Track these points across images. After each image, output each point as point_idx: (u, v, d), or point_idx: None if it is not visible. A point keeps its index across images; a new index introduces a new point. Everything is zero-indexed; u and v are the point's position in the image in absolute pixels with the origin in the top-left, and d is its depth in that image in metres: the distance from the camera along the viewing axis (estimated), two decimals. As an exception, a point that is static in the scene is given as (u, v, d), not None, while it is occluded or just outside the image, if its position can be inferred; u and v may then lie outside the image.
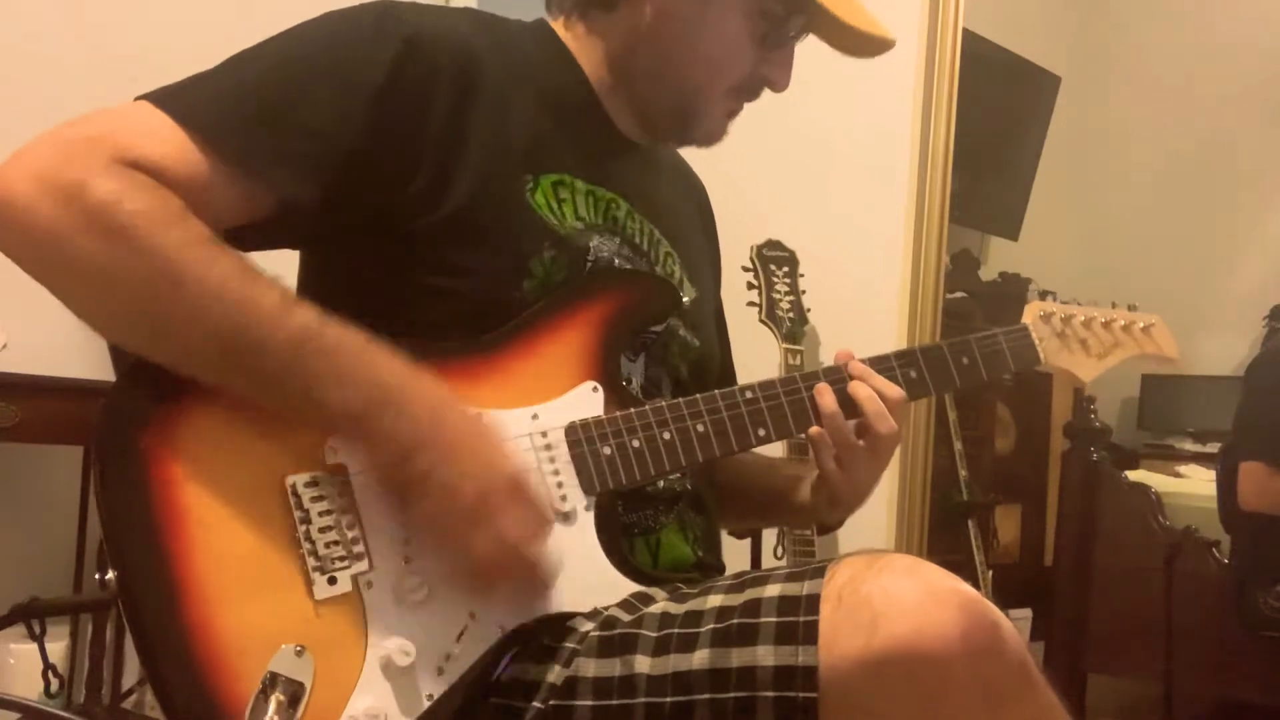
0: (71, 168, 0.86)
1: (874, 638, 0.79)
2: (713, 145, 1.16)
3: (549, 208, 1.05)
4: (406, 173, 0.98)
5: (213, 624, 0.84)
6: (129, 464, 0.87)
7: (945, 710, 0.79)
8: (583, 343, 1.02)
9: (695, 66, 1.10)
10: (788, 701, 0.81)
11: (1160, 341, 1.31)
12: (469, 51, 1.03)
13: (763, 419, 1.05)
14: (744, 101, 1.15)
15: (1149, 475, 3.48)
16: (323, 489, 0.90)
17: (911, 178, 2.57)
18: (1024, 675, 0.82)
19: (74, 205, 0.85)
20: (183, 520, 0.86)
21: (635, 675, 0.86)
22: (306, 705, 0.84)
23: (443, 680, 0.89)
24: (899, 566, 0.83)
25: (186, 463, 0.88)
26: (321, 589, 0.88)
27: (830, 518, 1.18)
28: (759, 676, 0.82)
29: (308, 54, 0.98)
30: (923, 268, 2.57)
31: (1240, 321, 4.47)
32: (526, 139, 1.05)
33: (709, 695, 0.83)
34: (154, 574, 0.85)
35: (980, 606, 0.81)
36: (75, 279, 0.88)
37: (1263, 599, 2.78)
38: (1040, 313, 1.24)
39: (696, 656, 0.85)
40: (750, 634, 0.84)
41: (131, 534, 0.86)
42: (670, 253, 1.17)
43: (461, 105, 1.01)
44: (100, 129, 0.90)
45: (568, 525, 0.97)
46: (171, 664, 0.84)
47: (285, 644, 0.85)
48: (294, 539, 0.88)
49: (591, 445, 0.99)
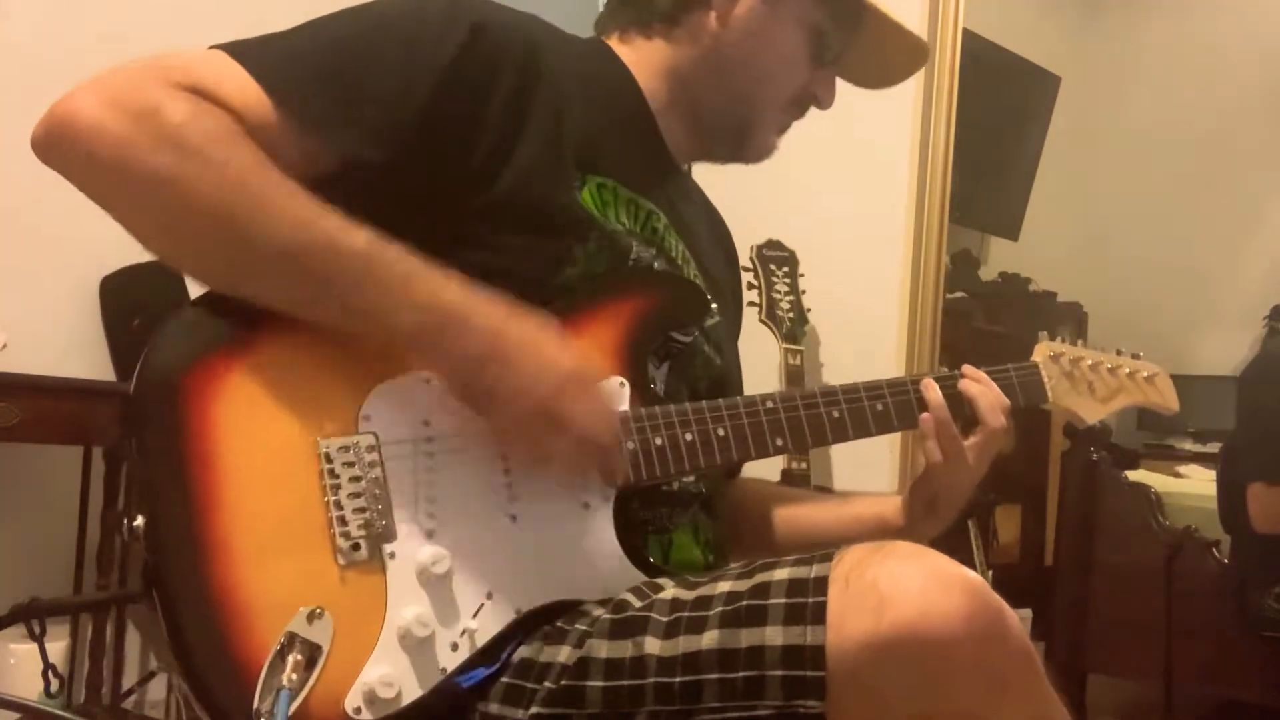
0: (142, 93, 0.89)
1: (880, 621, 0.80)
2: (762, 161, 1.21)
3: (595, 205, 1.07)
4: (464, 152, 1.00)
5: (236, 579, 0.85)
6: (167, 410, 0.88)
7: (950, 693, 0.80)
8: (613, 339, 1.04)
9: (756, 81, 1.15)
10: (796, 680, 0.81)
11: (1163, 392, 1.35)
12: (533, 47, 1.06)
13: (781, 429, 1.08)
14: (794, 119, 1.19)
15: (1149, 475, 3.48)
16: (354, 456, 0.91)
17: (911, 178, 2.57)
18: (1028, 663, 0.84)
19: (144, 124, 0.87)
20: (215, 472, 0.87)
21: (645, 656, 0.87)
22: (323, 668, 0.85)
23: (457, 655, 0.90)
24: (904, 552, 0.84)
25: (223, 415, 0.89)
26: (345, 555, 0.89)
27: (926, 528, 1.19)
28: (767, 656, 0.83)
29: (381, 25, 1.01)
30: (923, 268, 2.57)
31: (1240, 321, 4.48)
32: (579, 139, 1.07)
33: (718, 675, 0.84)
34: (182, 523, 0.85)
35: (984, 592, 0.82)
36: (145, 196, 0.89)
37: (1263, 599, 2.78)
38: (1050, 353, 1.27)
39: (706, 637, 0.85)
40: (759, 615, 0.85)
41: (164, 481, 0.87)
42: (697, 275, 1.19)
43: (522, 95, 1.03)
44: (175, 63, 0.92)
45: (588, 513, 0.99)
46: (192, 615, 0.84)
47: (305, 606, 0.85)
48: (322, 503, 0.89)
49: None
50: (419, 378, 0.95)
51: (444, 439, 0.95)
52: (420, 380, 0.95)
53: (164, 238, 0.92)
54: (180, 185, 0.87)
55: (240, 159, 0.89)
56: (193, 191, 0.87)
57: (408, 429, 0.94)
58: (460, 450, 0.95)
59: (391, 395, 0.94)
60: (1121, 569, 3.04)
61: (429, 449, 0.94)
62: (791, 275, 2.44)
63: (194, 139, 0.88)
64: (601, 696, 0.87)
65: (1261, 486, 2.71)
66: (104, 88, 0.89)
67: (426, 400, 0.95)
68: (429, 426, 0.94)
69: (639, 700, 0.86)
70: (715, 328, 1.18)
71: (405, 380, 0.94)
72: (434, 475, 0.94)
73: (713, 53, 1.14)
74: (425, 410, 0.94)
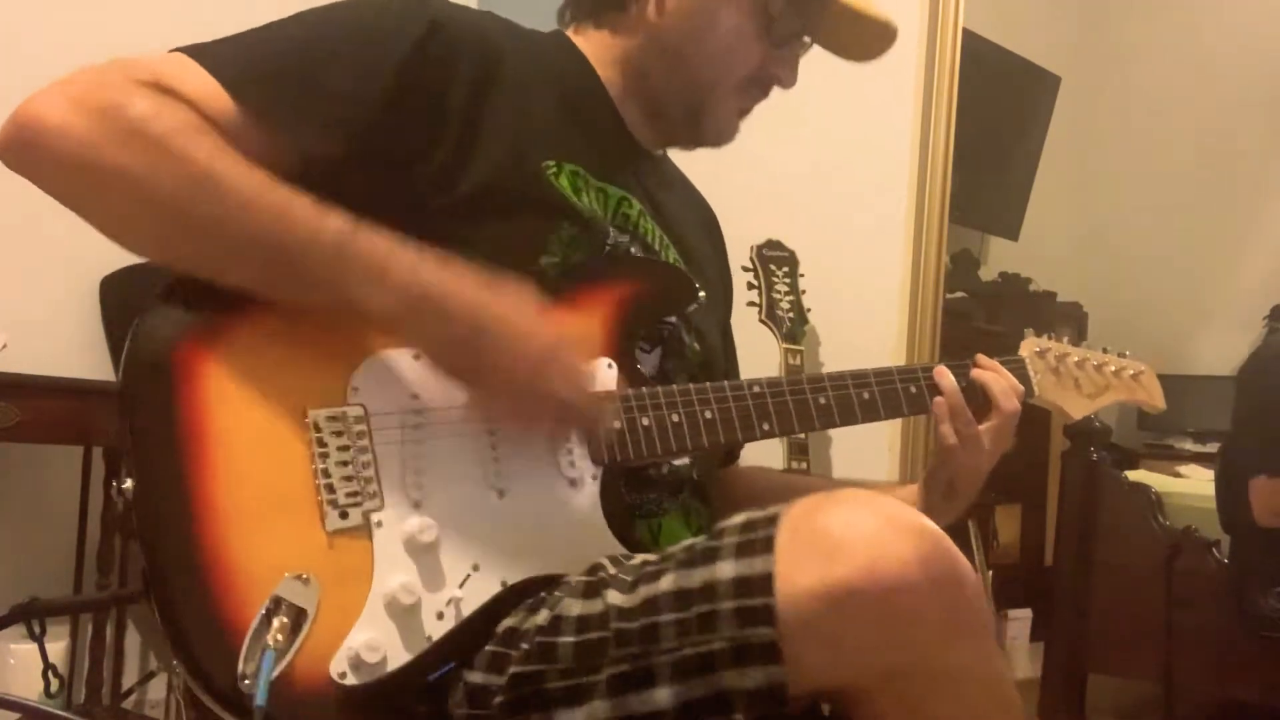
0: (106, 91, 0.90)
1: (833, 565, 0.79)
2: (724, 144, 1.20)
3: (571, 189, 1.08)
4: (425, 148, 1.02)
5: (224, 542, 0.86)
6: (157, 379, 0.89)
7: (906, 635, 0.80)
8: (601, 322, 1.05)
9: (704, 61, 1.14)
10: (746, 610, 0.81)
11: (1149, 389, 1.35)
12: (492, 42, 1.07)
13: (768, 413, 1.08)
14: (754, 99, 1.18)
15: (1149, 475, 3.48)
16: (342, 425, 0.92)
17: (911, 178, 2.57)
18: (982, 612, 0.84)
19: (108, 120, 0.88)
20: (204, 440, 0.88)
21: (609, 608, 0.87)
22: (308, 632, 0.85)
23: (443, 624, 0.91)
24: (859, 498, 0.84)
25: (213, 385, 0.90)
26: (333, 521, 0.89)
27: (945, 511, 1.19)
28: (719, 589, 0.82)
29: (338, 21, 1.03)
30: (923, 268, 2.57)
31: (1240, 321, 4.48)
32: (543, 129, 1.09)
33: (674, 615, 0.84)
34: (171, 486, 0.86)
35: (938, 537, 0.81)
36: (111, 193, 0.90)
37: (1263, 599, 2.78)
38: (1036, 348, 1.27)
39: (663, 581, 0.86)
40: (713, 554, 0.85)
41: (154, 445, 0.88)
42: (677, 259, 1.19)
43: (482, 88, 1.04)
44: (138, 63, 0.93)
45: (574, 491, 0.99)
46: (179, 577, 0.85)
47: (292, 571, 0.86)
48: (311, 471, 0.90)
49: None
50: (408, 352, 0.96)
51: (432, 413, 0.96)
52: (409, 354, 0.96)
53: (138, 233, 0.93)
54: (148, 181, 0.88)
55: (205, 149, 0.90)
56: (160, 184, 0.88)
57: (396, 402, 0.95)
58: (448, 424, 0.96)
59: (380, 368, 0.95)
60: (1121, 569, 3.04)
61: (417, 421, 0.95)
62: (791, 275, 2.44)
63: (158, 131, 0.88)
64: (572, 651, 0.87)
65: (1264, 480, 2.71)
66: (68, 89, 0.90)
67: (415, 374, 0.96)
68: (417, 400, 0.96)
69: (603, 650, 0.86)
70: (696, 313, 1.18)
71: (394, 354, 0.96)
72: (421, 448, 0.94)
73: (656, 39, 1.14)
74: (414, 384, 0.96)
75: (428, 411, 0.96)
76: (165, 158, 0.88)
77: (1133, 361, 1.34)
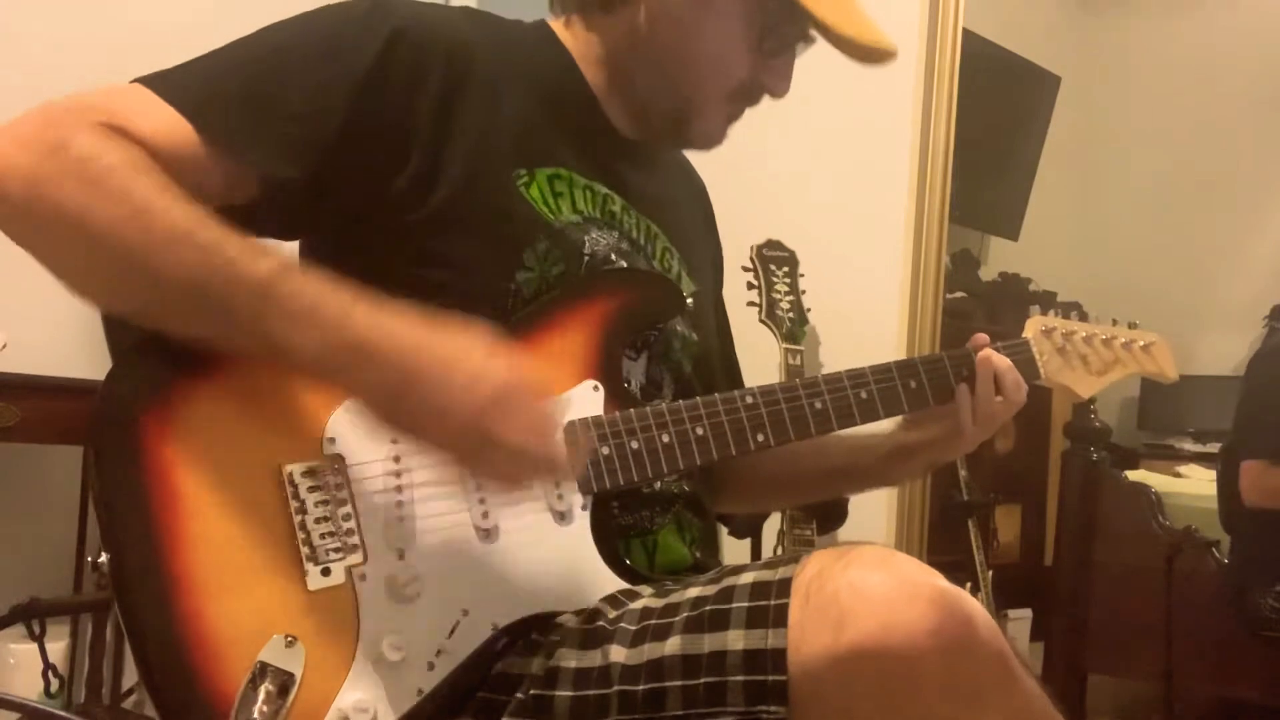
0: (54, 129, 0.87)
1: (841, 635, 0.78)
2: (711, 149, 1.17)
3: (544, 201, 1.05)
4: (392, 164, 0.99)
5: (204, 611, 0.84)
6: (126, 444, 0.87)
7: (917, 709, 0.78)
8: (584, 341, 1.02)
9: (691, 70, 1.11)
10: (757, 685, 0.80)
11: (1160, 360, 1.31)
12: (460, 45, 1.04)
13: (761, 424, 1.05)
14: (744, 107, 1.15)
15: (1149, 475, 3.48)
16: (320, 479, 0.90)
17: (911, 178, 2.57)
18: (1002, 669, 0.80)
19: (53, 159, 0.86)
20: (177, 504, 0.86)
21: (611, 665, 0.86)
22: (295, 696, 0.84)
23: (433, 675, 0.89)
24: (868, 559, 0.82)
25: (184, 446, 0.87)
26: (315, 580, 0.87)
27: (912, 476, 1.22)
28: (729, 661, 0.81)
29: (296, 41, 0.99)
30: (923, 268, 2.57)
31: (1240, 322, 4.47)
32: (520, 132, 1.06)
33: (681, 682, 0.82)
34: (147, 558, 0.84)
35: (952, 600, 0.79)
36: (52, 230, 0.87)
37: (1263, 599, 2.78)
38: (1042, 327, 1.24)
39: (669, 644, 0.84)
40: (722, 620, 0.83)
41: (125, 516, 0.86)
42: (668, 248, 1.17)
43: (450, 98, 1.01)
44: (88, 100, 0.91)
45: (564, 524, 0.97)
46: (161, 651, 0.83)
47: (276, 634, 0.84)
48: (289, 528, 0.88)
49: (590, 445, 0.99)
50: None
51: (413, 457, 0.93)
52: None
53: (81, 276, 0.90)
54: (83, 219, 0.85)
55: (142, 188, 0.86)
56: (96, 224, 0.85)
57: (374, 449, 0.92)
58: (429, 468, 0.93)
59: (356, 415, 0.91)
60: (1121, 569, 3.04)
61: (397, 468, 0.92)
62: (791, 275, 2.44)
63: (95, 171, 0.86)
64: (569, 706, 0.86)
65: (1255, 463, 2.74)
66: (18, 129, 0.88)
67: None
68: (396, 445, 0.93)
69: (604, 710, 0.85)
70: (690, 303, 1.16)
71: None
72: (403, 494, 0.92)
73: (643, 43, 1.11)
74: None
75: (408, 456, 0.93)
76: (100, 196, 0.85)
77: (1143, 333, 1.30)
